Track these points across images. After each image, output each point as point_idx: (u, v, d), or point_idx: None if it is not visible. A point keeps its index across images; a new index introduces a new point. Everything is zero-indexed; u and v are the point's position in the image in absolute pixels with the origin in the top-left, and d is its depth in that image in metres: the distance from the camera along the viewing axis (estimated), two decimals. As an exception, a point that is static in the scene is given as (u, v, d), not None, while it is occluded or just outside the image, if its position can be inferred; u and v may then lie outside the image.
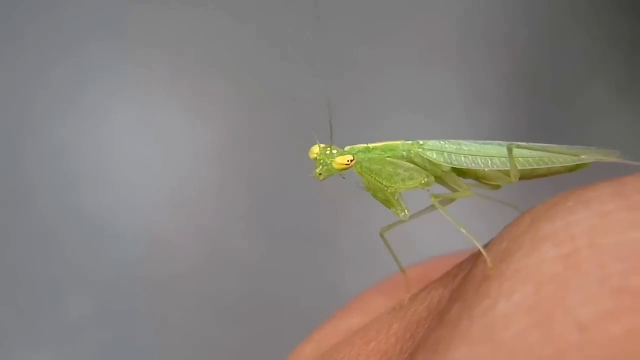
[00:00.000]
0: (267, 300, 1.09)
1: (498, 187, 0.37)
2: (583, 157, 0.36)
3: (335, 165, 0.36)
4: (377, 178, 0.36)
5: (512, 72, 1.23)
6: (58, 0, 1.22)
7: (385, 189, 0.36)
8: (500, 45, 1.25)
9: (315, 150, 0.36)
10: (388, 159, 0.36)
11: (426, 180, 0.36)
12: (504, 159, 0.36)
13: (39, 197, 1.13)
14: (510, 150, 0.35)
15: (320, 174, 0.36)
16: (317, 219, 1.10)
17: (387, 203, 0.36)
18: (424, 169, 0.36)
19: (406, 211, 0.36)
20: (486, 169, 0.36)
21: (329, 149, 0.36)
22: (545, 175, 0.37)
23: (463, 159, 0.36)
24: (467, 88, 1.22)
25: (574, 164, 0.36)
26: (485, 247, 0.29)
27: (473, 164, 0.36)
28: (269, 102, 1.19)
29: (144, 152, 1.18)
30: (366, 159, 0.36)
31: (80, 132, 1.17)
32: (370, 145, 0.36)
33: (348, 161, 0.36)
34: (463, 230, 0.33)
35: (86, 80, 1.20)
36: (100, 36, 1.21)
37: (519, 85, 1.24)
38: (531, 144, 0.36)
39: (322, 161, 0.36)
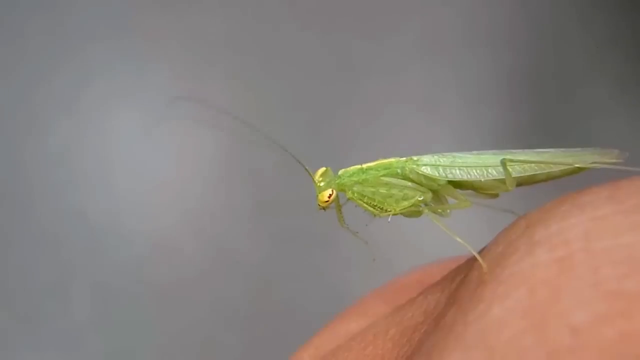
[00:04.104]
0: (270, 303, 1.09)
1: (496, 195, 0.37)
2: (577, 166, 0.36)
3: (320, 204, 0.36)
4: (370, 202, 0.36)
5: (513, 69, 1.24)
6: (59, 3, 1.23)
7: (379, 212, 0.36)
8: (501, 43, 1.25)
9: (314, 178, 0.37)
10: (382, 178, 0.36)
11: (422, 198, 0.36)
12: (499, 167, 0.36)
13: (41, 201, 1.14)
14: (504, 165, 0.35)
15: (320, 206, 0.37)
16: (320, 222, 1.10)
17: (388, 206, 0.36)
18: (420, 184, 0.36)
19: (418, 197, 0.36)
20: (482, 179, 0.36)
21: (320, 177, 0.36)
22: (544, 180, 0.37)
23: (458, 171, 0.36)
24: (468, 86, 1.22)
25: (572, 167, 0.36)
26: (481, 251, 0.29)
27: (468, 176, 0.36)
28: (271, 105, 1.19)
29: (146, 155, 1.18)
30: (360, 180, 0.36)
31: (82, 134, 1.18)
32: (364, 166, 0.37)
33: (328, 197, 0.36)
34: (458, 239, 0.33)
35: (88, 83, 1.20)
36: (102, 39, 1.22)
37: (520, 83, 1.24)
38: (527, 151, 0.36)
39: (316, 194, 0.37)
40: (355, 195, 0.36)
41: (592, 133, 1.17)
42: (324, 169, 0.37)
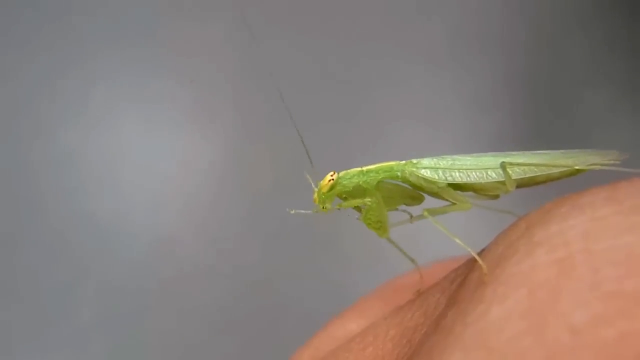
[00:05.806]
0: (269, 303, 1.09)
1: (496, 196, 0.37)
2: (576, 167, 0.36)
3: (322, 189, 0.36)
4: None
5: (511, 77, 1.23)
6: (66, 9, 1.23)
7: (372, 204, 0.36)
8: (499, 51, 1.25)
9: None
10: (381, 182, 0.36)
11: (415, 215, 0.36)
12: (498, 170, 0.36)
13: (47, 203, 1.14)
14: (503, 167, 0.35)
15: (323, 207, 0.37)
16: (320, 221, 1.10)
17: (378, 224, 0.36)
18: (420, 187, 0.36)
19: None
20: (482, 181, 0.36)
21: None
22: (544, 182, 0.37)
23: (457, 173, 0.36)
24: (467, 94, 1.22)
25: (572, 168, 0.36)
26: (481, 252, 0.29)
27: (468, 178, 0.36)
28: (273, 113, 1.20)
29: (150, 158, 1.18)
30: (360, 182, 0.36)
31: (88, 138, 1.18)
32: (364, 168, 0.37)
33: (330, 178, 0.36)
34: (457, 240, 0.33)
35: (94, 88, 1.20)
36: (108, 44, 1.22)
37: (519, 91, 1.24)
38: (526, 153, 0.36)
39: (316, 192, 0.37)
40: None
41: (591, 139, 1.17)
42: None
